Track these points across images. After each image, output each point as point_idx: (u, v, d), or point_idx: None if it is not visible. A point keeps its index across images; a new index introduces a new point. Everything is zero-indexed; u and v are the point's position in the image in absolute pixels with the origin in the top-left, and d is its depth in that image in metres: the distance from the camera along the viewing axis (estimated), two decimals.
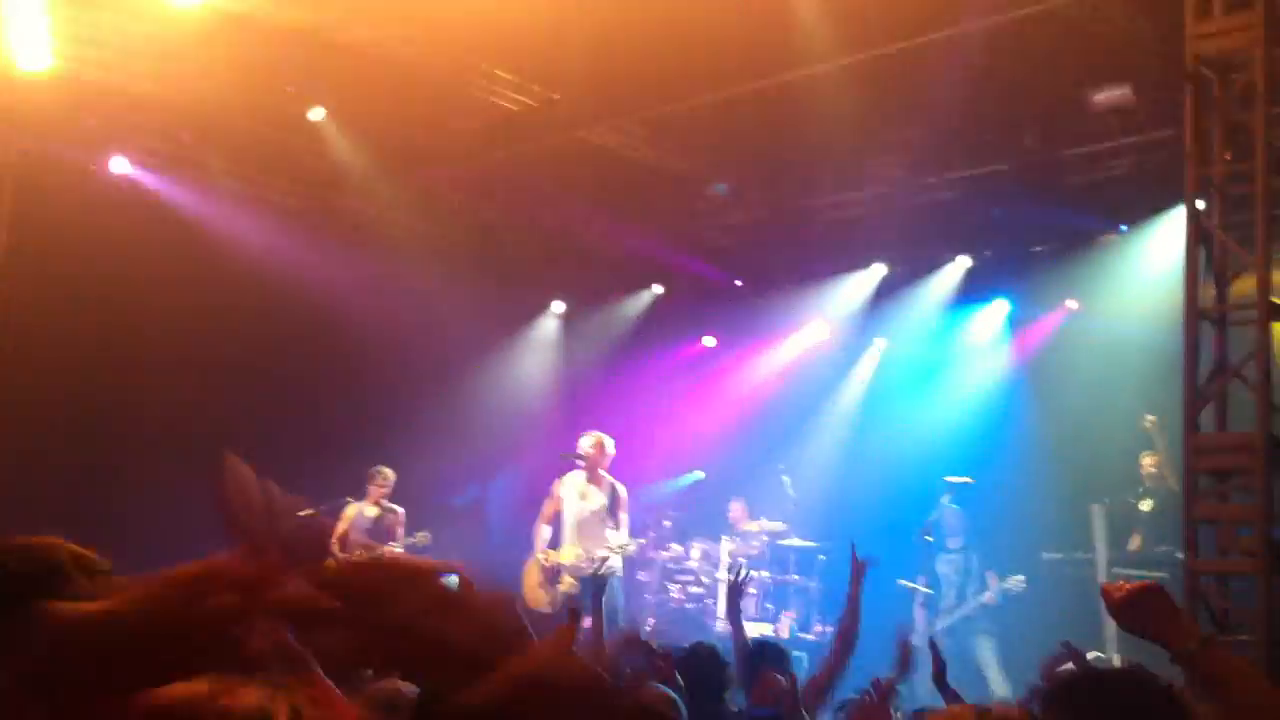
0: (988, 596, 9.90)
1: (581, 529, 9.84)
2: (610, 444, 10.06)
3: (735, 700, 5.26)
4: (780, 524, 11.69)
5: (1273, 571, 6.50)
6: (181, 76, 9.87)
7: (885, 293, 12.03)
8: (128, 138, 10.60)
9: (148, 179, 10.83)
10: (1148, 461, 9.64)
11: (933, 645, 5.27)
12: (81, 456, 10.36)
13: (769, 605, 11.41)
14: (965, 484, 9.99)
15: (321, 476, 10.98)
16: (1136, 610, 2.69)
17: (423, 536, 10.83)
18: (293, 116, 10.49)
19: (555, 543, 10.01)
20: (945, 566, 10.19)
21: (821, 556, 11.53)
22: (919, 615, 10.18)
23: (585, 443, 10.03)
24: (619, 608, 9.79)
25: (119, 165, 10.64)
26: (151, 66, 9.71)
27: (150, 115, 10.44)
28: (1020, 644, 9.13)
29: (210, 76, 9.96)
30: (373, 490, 10.99)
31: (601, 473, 9.96)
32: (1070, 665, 5.45)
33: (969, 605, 9.94)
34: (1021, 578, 9.80)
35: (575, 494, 9.98)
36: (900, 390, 12.14)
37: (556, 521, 10.02)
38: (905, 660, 5.25)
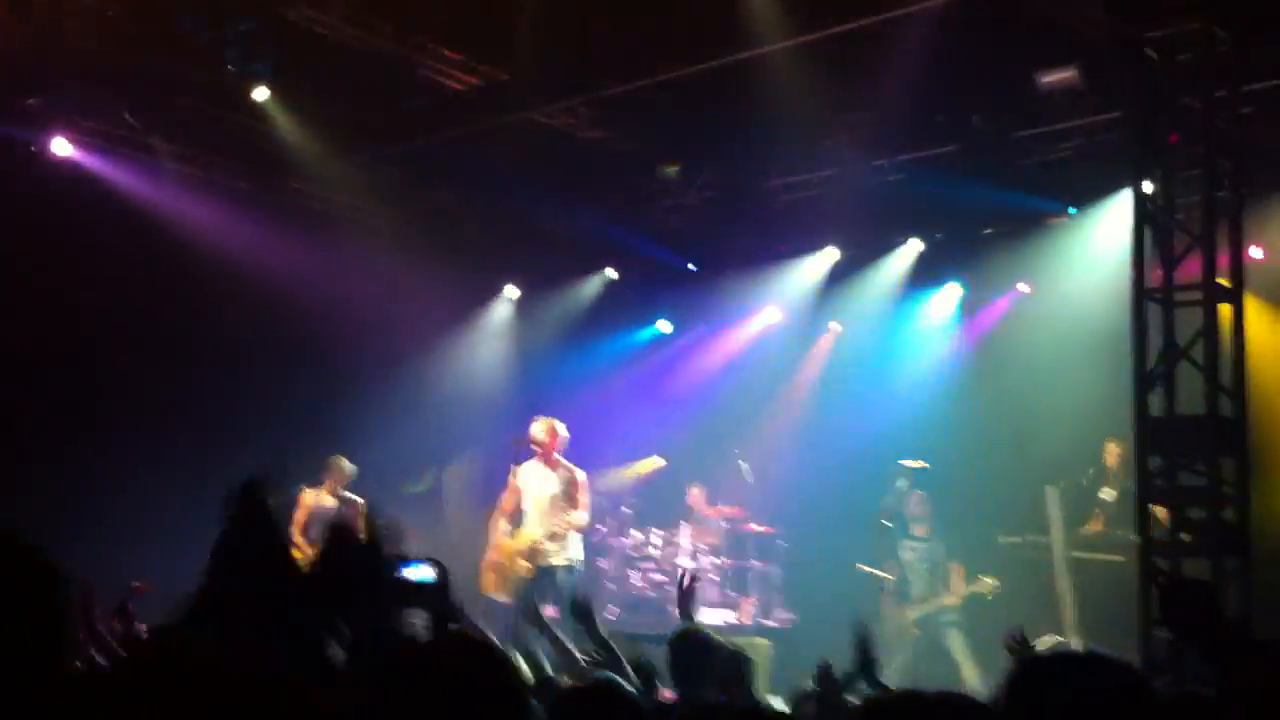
0: (948, 600, 9.86)
1: (540, 516, 9.74)
2: (563, 428, 9.96)
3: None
4: (738, 509, 11.67)
5: (1223, 551, 6.56)
6: (122, 52, 9.69)
7: (838, 276, 12.01)
8: (68, 118, 10.35)
9: (90, 160, 10.60)
10: (1112, 450, 9.64)
11: (862, 640, 5.22)
12: (27, 444, 10.15)
13: (729, 592, 11.39)
14: (920, 468, 9.99)
15: (273, 460, 10.88)
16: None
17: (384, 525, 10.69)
18: (238, 96, 10.32)
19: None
20: (910, 554, 10.14)
21: (781, 542, 11.52)
22: (885, 603, 10.13)
23: (537, 429, 9.92)
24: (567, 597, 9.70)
25: (60, 146, 10.40)
26: (92, 43, 9.52)
27: (91, 94, 10.23)
28: (988, 629, 9.14)
29: (153, 54, 9.80)
30: (329, 481, 10.79)
31: (556, 457, 9.87)
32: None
33: (936, 601, 9.91)
34: (994, 582, 9.71)
35: (534, 481, 9.89)
36: (854, 374, 12.14)
37: (516, 513, 9.90)
38: (865, 652, 5.23)
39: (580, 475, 9.83)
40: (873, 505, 10.29)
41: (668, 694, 5.13)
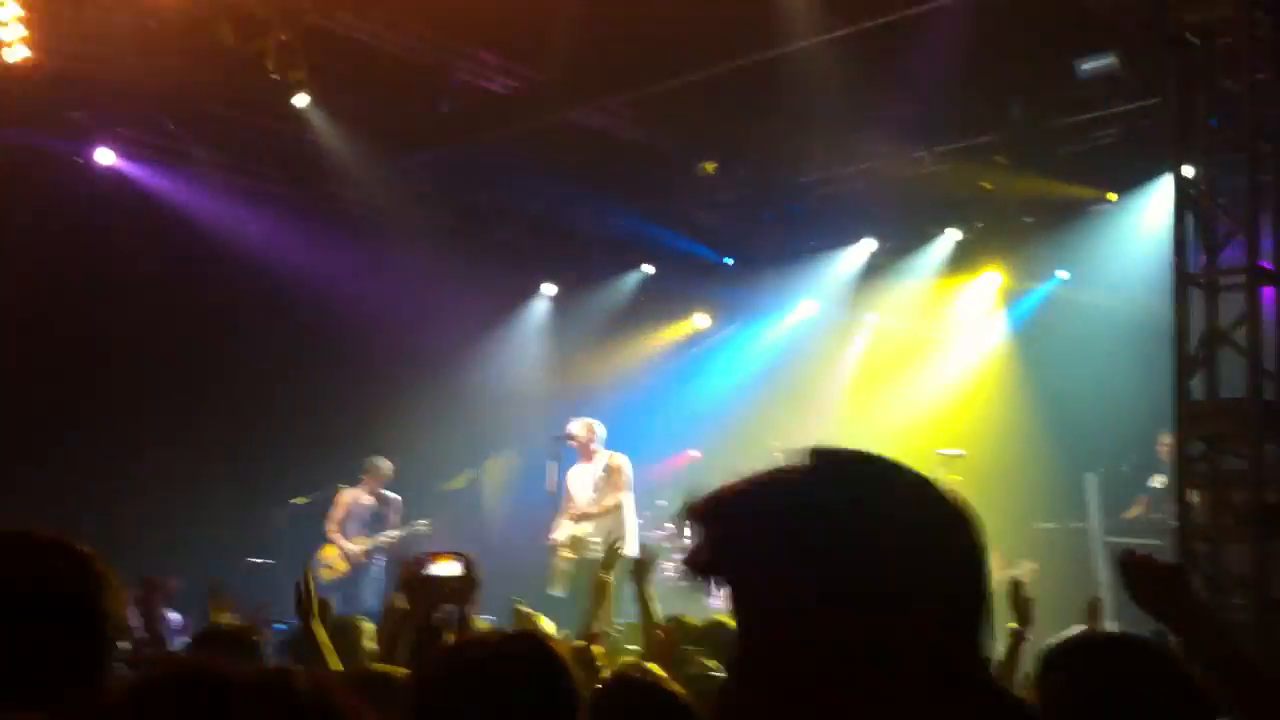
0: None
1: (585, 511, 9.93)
2: (600, 426, 10.11)
3: None
4: None
5: (1264, 537, 6.54)
6: (163, 64, 9.82)
7: (875, 267, 12.01)
8: (112, 129, 10.51)
9: (133, 170, 10.77)
10: (1165, 441, 9.55)
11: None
12: (73, 450, 10.32)
13: None
14: (958, 455, 9.98)
15: (313, 464, 11.02)
16: (1148, 585, 2.71)
17: (423, 525, 10.81)
18: (278, 103, 10.44)
19: None
20: None
21: None
22: None
23: (575, 427, 10.12)
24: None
25: (104, 157, 10.57)
26: (133, 55, 9.65)
27: (134, 105, 10.38)
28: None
29: (194, 65, 9.93)
30: (367, 480, 10.99)
31: (595, 448, 10.01)
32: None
33: None
34: (1033, 565, 9.62)
35: (577, 480, 10.13)
36: (892, 364, 12.15)
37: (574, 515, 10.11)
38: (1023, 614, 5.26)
39: (616, 460, 10.04)
40: None
41: None
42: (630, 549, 10.07)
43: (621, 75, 10.07)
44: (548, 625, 5.23)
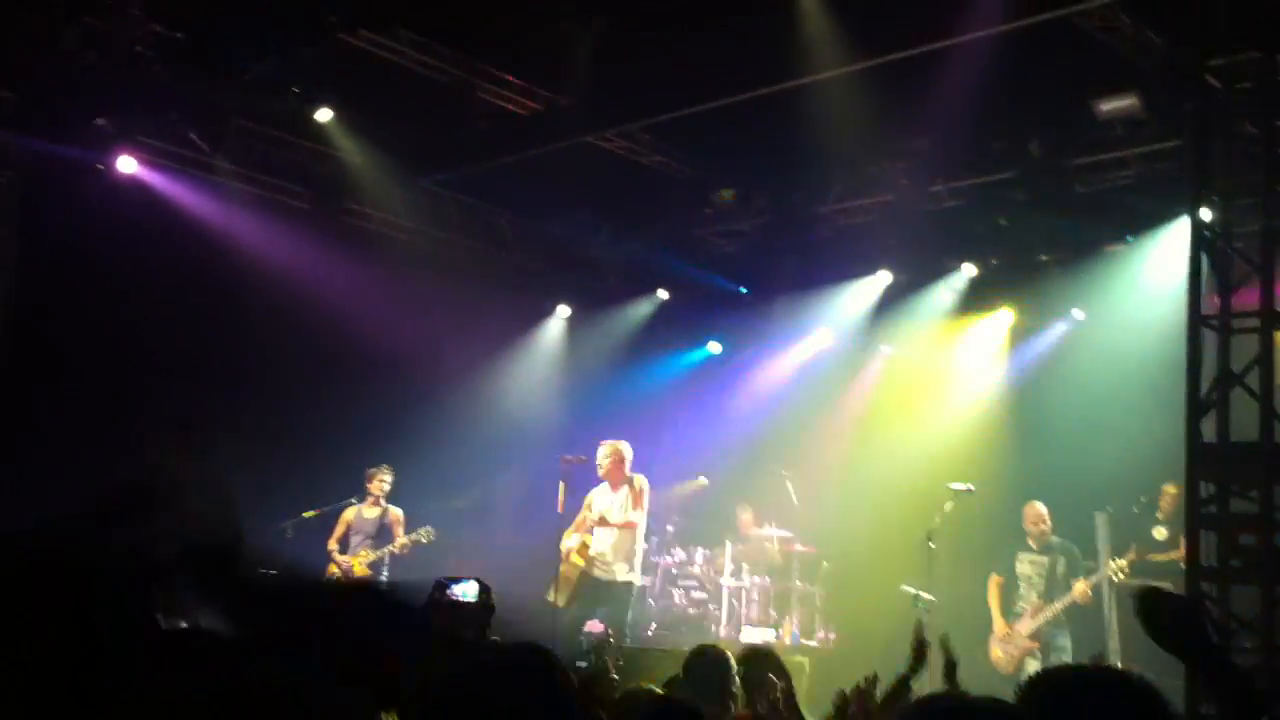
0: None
1: (606, 532, 10.15)
2: (627, 449, 10.36)
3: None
4: (786, 532, 11.68)
5: (1274, 580, 6.51)
6: (189, 78, 9.92)
7: (890, 300, 12.01)
8: (135, 138, 10.59)
9: (155, 179, 10.84)
10: (1169, 492, 9.52)
11: (944, 643, 5.29)
12: (88, 457, 10.34)
13: (772, 611, 11.41)
14: (966, 490, 9.96)
15: (327, 479, 11.06)
16: (1164, 620, 2.73)
17: (425, 533, 10.87)
18: (301, 119, 10.53)
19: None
20: (1029, 567, 9.98)
21: (825, 563, 11.54)
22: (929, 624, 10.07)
23: (600, 452, 10.34)
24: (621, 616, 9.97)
25: (126, 165, 10.64)
26: (158, 67, 9.75)
27: (158, 115, 10.46)
28: None
29: (218, 78, 10.03)
30: (372, 489, 11.04)
31: (624, 473, 10.23)
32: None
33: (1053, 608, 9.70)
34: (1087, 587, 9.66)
35: (601, 499, 10.30)
36: (904, 397, 12.15)
37: (587, 530, 10.26)
38: (919, 655, 5.29)
39: (639, 483, 10.22)
40: (917, 528, 10.28)
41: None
42: (635, 571, 10.18)
43: (642, 101, 10.14)
44: None
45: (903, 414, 12.09)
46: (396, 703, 3.54)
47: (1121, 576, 9.37)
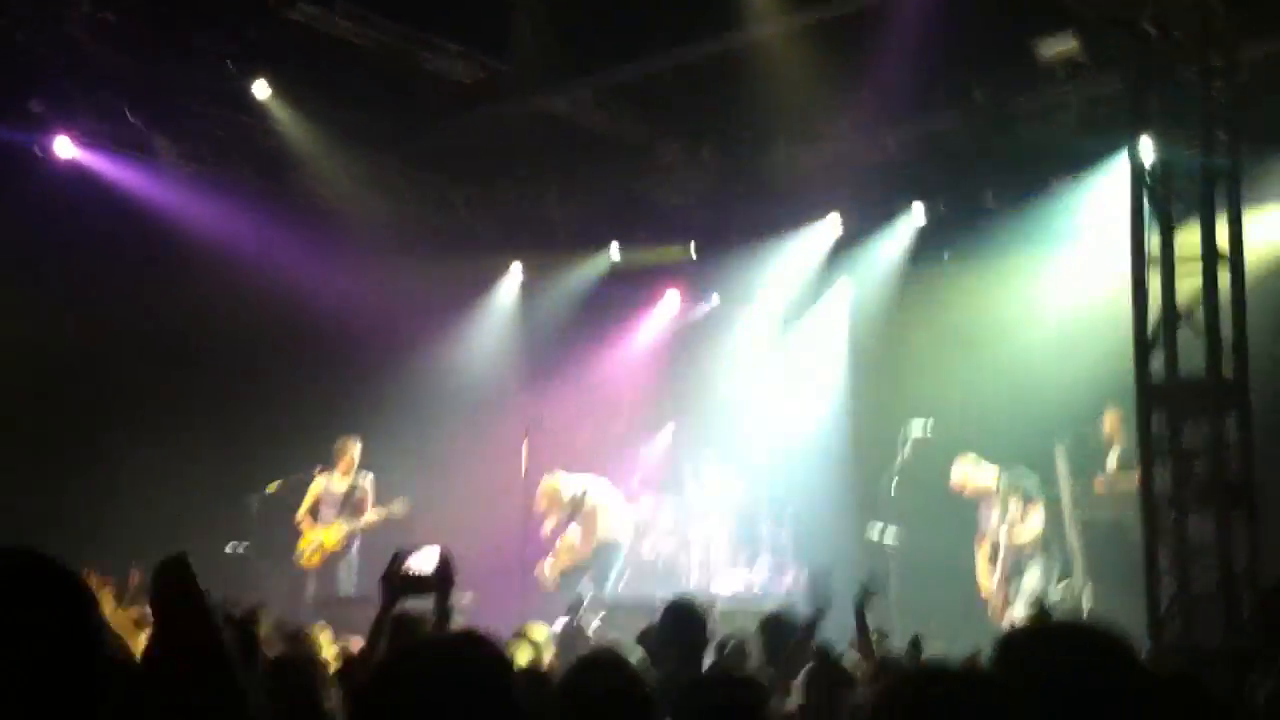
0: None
1: None
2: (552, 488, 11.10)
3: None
4: (744, 476, 11.83)
5: (1227, 507, 6.76)
6: (124, 55, 9.79)
7: (842, 245, 12.09)
8: (71, 119, 10.42)
9: (94, 161, 10.69)
10: (1111, 418, 9.80)
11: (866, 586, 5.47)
12: (39, 445, 10.29)
13: (741, 557, 11.58)
14: (925, 425, 10.18)
15: (284, 451, 11.05)
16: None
17: (398, 505, 10.87)
18: (239, 94, 10.42)
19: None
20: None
21: (789, 507, 11.68)
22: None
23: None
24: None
25: (64, 148, 10.47)
26: (92, 46, 9.61)
27: (93, 96, 10.30)
28: None
29: (154, 55, 9.90)
30: (341, 462, 11.03)
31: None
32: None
33: None
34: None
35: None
36: (859, 342, 12.31)
37: None
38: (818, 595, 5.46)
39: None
40: (882, 467, 10.53)
41: None
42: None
43: (585, 63, 10.13)
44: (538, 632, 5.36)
45: (862, 355, 12.25)
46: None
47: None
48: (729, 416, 12.46)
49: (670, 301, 13.68)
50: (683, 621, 5.26)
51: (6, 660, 1.88)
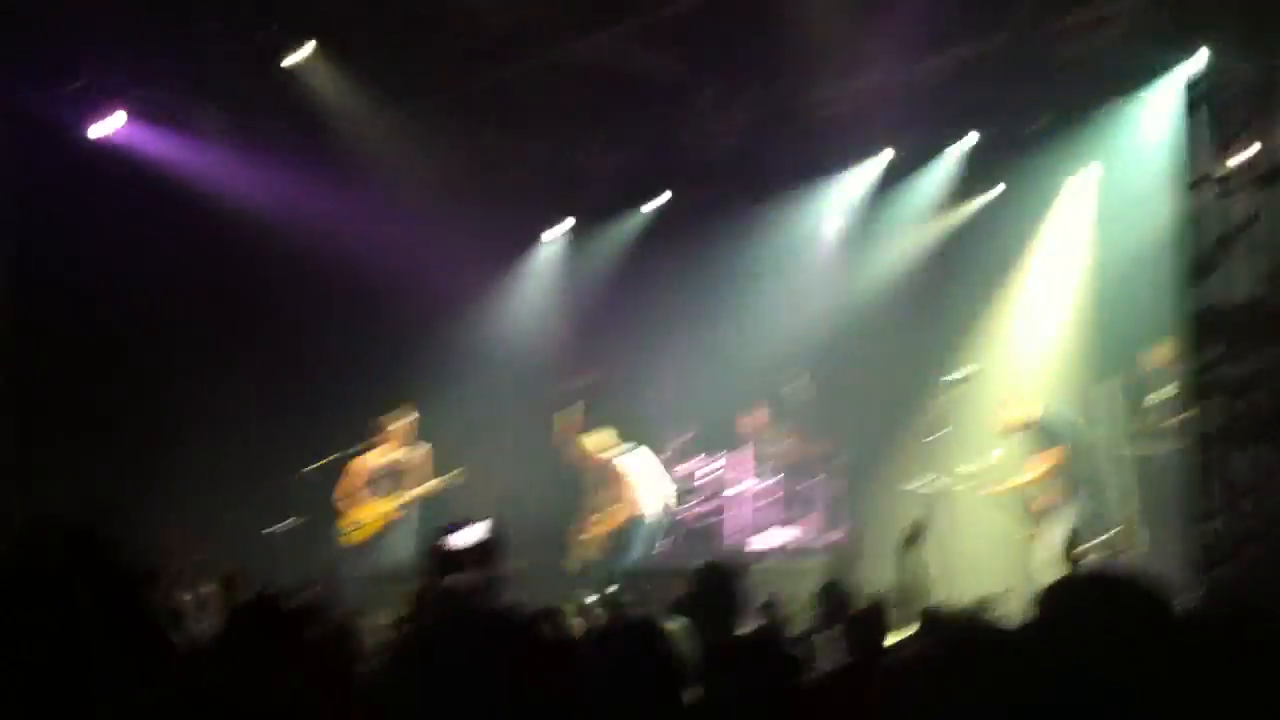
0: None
1: None
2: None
3: None
4: (799, 429, 11.56)
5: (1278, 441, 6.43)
6: (162, 23, 9.80)
7: (893, 178, 11.75)
8: (113, 94, 10.46)
9: (138, 135, 10.74)
10: (1160, 354, 9.34)
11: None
12: (95, 425, 10.36)
13: (790, 512, 11.37)
14: (964, 379, 9.88)
15: (335, 419, 11.01)
16: None
17: (457, 474, 10.75)
18: (278, 56, 10.38)
19: None
20: None
21: (839, 458, 11.39)
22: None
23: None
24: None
25: (105, 127, 10.52)
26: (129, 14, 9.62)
27: (136, 67, 10.33)
28: None
29: (192, 20, 9.90)
30: (396, 434, 10.87)
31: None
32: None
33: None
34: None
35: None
36: (909, 285, 11.94)
37: None
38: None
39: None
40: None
41: None
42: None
43: (618, 5, 9.90)
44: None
45: (920, 296, 11.87)
46: None
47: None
48: (778, 368, 12.09)
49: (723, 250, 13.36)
50: (713, 587, 5.19)
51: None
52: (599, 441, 10.98)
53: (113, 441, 10.17)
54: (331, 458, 10.67)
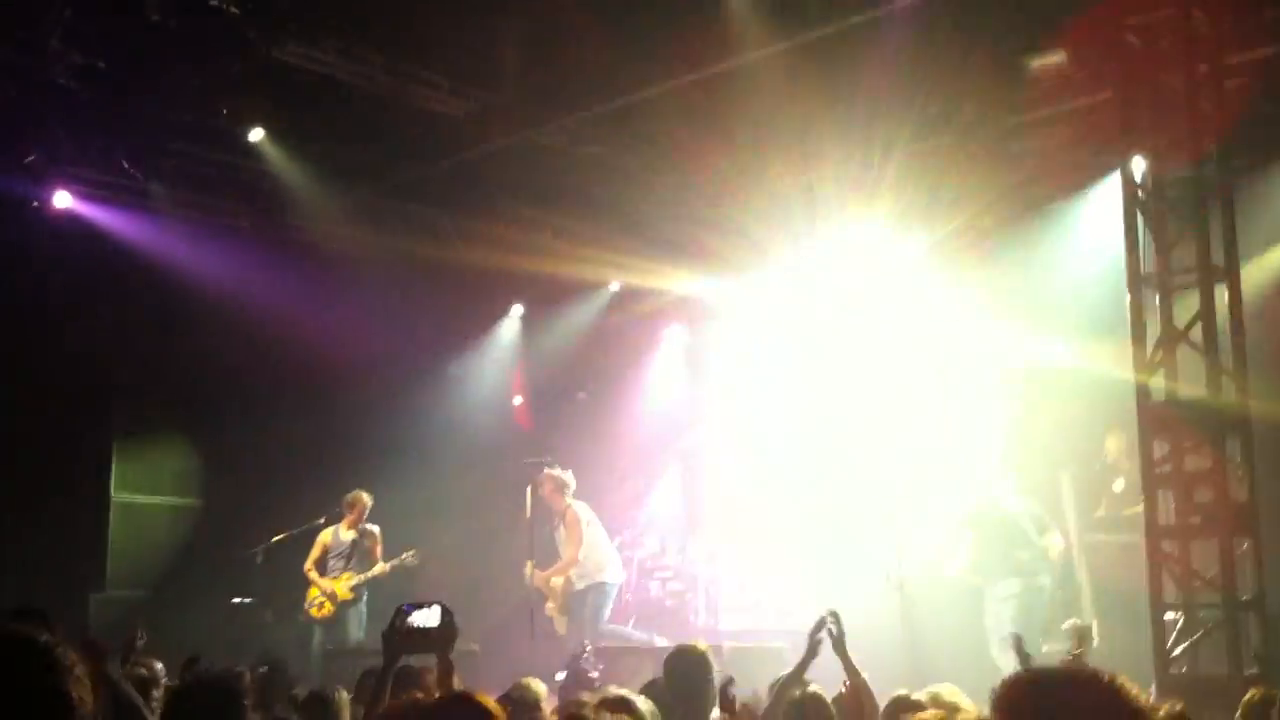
0: None
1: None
2: (568, 478, 10.63)
3: None
4: (759, 516, 11.61)
5: (1232, 532, 6.55)
6: (116, 104, 9.79)
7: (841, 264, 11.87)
8: (67, 170, 10.43)
9: (91, 211, 10.68)
10: (1111, 445, 9.50)
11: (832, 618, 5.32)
12: (46, 491, 10.25)
13: (749, 594, 11.36)
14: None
15: (292, 500, 10.94)
16: None
17: (410, 556, 10.68)
18: (232, 138, 10.40)
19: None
20: None
21: (792, 545, 11.40)
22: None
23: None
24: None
25: (61, 200, 10.48)
26: (85, 96, 9.61)
27: (88, 145, 10.31)
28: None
29: (146, 102, 9.90)
30: (350, 515, 10.87)
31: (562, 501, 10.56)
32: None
33: None
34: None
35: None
36: (869, 366, 12.03)
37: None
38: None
39: (570, 515, 10.51)
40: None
41: None
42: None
43: (575, 93, 10.04)
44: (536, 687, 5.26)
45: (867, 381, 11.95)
46: None
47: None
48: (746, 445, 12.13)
49: (676, 331, 13.48)
50: (684, 674, 5.22)
51: None
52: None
53: (61, 510, 10.08)
54: (293, 531, 10.64)
